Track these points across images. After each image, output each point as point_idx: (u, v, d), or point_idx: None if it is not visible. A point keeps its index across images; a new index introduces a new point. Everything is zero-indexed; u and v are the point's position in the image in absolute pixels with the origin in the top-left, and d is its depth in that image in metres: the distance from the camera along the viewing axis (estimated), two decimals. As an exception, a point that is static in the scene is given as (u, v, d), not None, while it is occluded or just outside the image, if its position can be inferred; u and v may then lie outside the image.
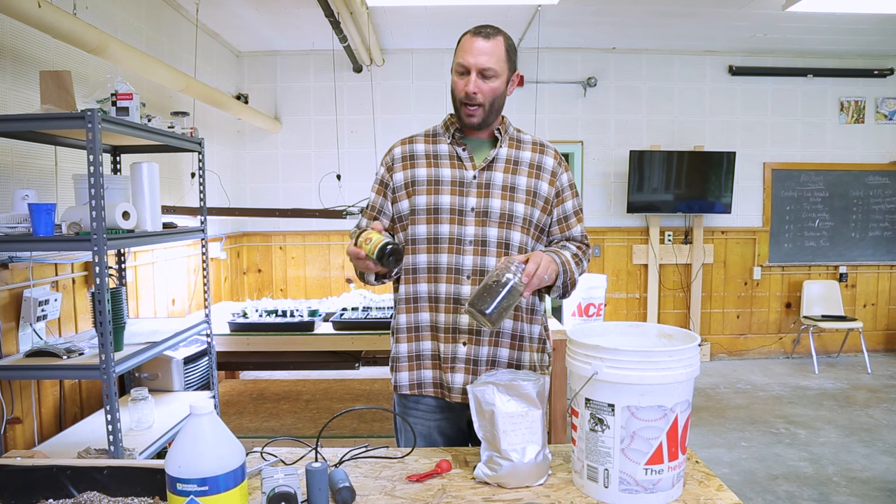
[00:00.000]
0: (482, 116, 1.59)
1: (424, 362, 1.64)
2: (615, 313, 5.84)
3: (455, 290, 1.60)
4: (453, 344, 1.61)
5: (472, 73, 1.56)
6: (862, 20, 4.73)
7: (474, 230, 1.60)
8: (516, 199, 1.61)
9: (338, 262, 5.74)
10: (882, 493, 3.19)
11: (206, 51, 4.64)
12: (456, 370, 1.60)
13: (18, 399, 2.47)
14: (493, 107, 1.60)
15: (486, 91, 1.57)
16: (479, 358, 1.61)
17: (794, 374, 5.43)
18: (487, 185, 1.62)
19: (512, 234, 1.61)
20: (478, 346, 1.60)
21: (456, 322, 1.60)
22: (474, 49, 1.56)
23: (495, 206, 1.60)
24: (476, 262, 1.60)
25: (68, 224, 2.16)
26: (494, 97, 1.59)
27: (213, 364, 3.17)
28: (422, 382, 1.65)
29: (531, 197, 1.63)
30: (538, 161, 1.67)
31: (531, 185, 1.64)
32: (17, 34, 2.52)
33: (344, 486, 1.21)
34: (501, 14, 4.59)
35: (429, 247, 1.62)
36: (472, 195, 1.61)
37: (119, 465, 1.26)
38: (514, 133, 1.70)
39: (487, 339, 1.61)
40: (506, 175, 1.63)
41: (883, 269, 6.02)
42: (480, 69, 1.55)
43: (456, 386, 1.60)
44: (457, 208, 1.61)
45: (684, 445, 1.25)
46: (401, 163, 1.68)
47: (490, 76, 1.57)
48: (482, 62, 1.55)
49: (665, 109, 5.75)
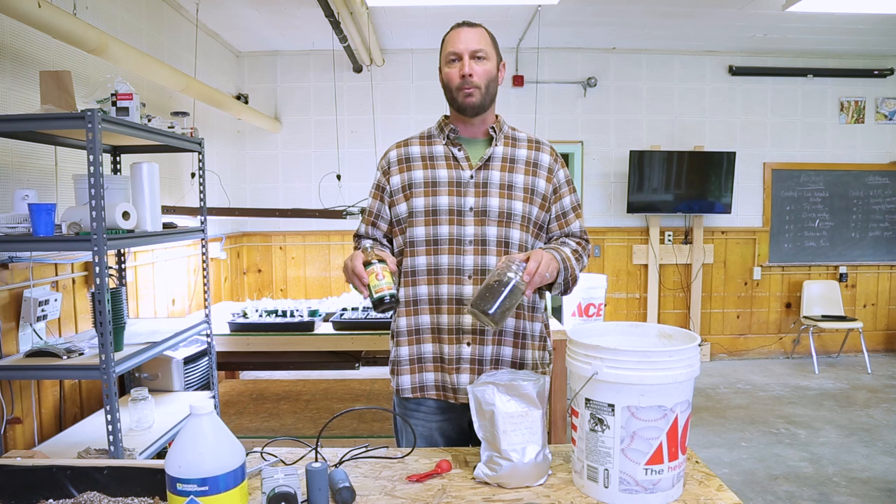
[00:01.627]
0: (480, 97, 1.60)
1: (426, 365, 1.64)
2: (615, 313, 5.84)
3: (457, 290, 1.60)
4: (457, 345, 1.60)
5: (465, 57, 1.58)
6: (862, 20, 4.73)
7: (474, 230, 1.60)
8: (514, 198, 1.61)
9: (338, 262, 5.74)
10: (882, 493, 3.19)
11: (206, 51, 4.64)
12: (461, 371, 1.60)
13: (18, 399, 2.47)
14: (488, 90, 1.61)
15: (480, 72, 1.59)
16: (483, 357, 1.61)
17: (794, 374, 5.43)
18: (485, 185, 1.61)
19: (511, 233, 1.61)
20: (482, 346, 1.60)
21: (459, 323, 1.60)
22: (461, 37, 1.60)
23: (493, 204, 1.60)
24: (477, 261, 1.60)
25: (68, 224, 2.16)
26: (489, 79, 1.61)
27: (213, 364, 3.17)
28: (424, 385, 1.65)
29: (529, 194, 1.63)
30: (534, 158, 1.66)
31: (528, 182, 1.64)
32: (17, 34, 2.52)
33: (344, 486, 1.21)
34: (501, 14, 4.58)
35: (428, 248, 1.62)
36: (470, 195, 1.61)
37: (119, 465, 1.26)
38: (509, 131, 1.70)
39: (491, 338, 1.61)
40: (503, 174, 1.63)
41: (883, 269, 6.02)
42: (472, 51, 1.59)
43: (462, 387, 1.60)
44: (455, 209, 1.61)
45: (684, 445, 1.25)
46: (397, 166, 1.68)
47: (482, 57, 1.60)
48: (472, 45, 1.59)
49: (665, 109, 5.75)
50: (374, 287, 1.46)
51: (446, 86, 1.63)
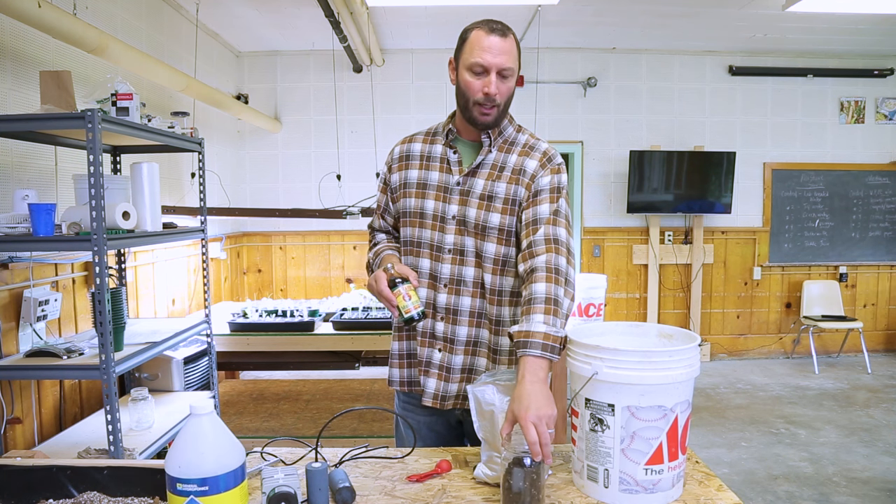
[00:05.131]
0: (496, 116, 1.52)
1: (413, 360, 1.65)
2: (615, 313, 5.84)
3: (432, 296, 1.59)
4: (430, 349, 1.60)
5: (492, 74, 1.47)
6: (862, 20, 4.73)
7: (453, 238, 1.57)
8: (492, 209, 1.53)
9: (338, 262, 5.74)
10: (882, 493, 3.19)
11: (206, 51, 4.64)
12: (430, 374, 1.60)
13: (18, 399, 2.47)
14: (506, 107, 1.55)
15: (504, 92, 1.50)
16: (452, 366, 1.58)
17: (794, 374, 5.43)
18: (468, 193, 1.56)
19: (486, 246, 1.54)
20: (451, 355, 1.58)
21: (432, 328, 1.60)
22: (493, 48, 1.46)
23: (471, 215, 1.55)
24: (454, 270, 1.57)
25: (68, 224, 2.16)
26: (509, 97, 1.54)
27: (213, 364, 3.17)
28: (411, 380, 1.66)
29: (509, 206, 1.53)
30: (521, 165, 1.55)
31: (510, 191, 1.54)
32: (17, 34, 2.52)
33: (344, 486, 1.21)
34: (501, 14, 4.58)
35: (412, 250, 1.62)
36: (454, 202, 1.57)
37: (119, 465, 1.26)
38: (512, 134, 1.60)
39: (463, 348, 1.58)
40: (487, 182, 1.55)
41: (883, 269, 6.02)
42: (500, 69, 1.48)
43: (428, 390, 1.60)
44: (439, 215, 1.58)
45: (684, 445, 1.25)
46: (398, 163, 1.67)
47: (508, 76, 1.50)
48: (501, 62, 1.47)
49: (665, 109, 5.75)
50: (403, 308, 1.49)
51: (462, 93, 1.52)
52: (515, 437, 1.19)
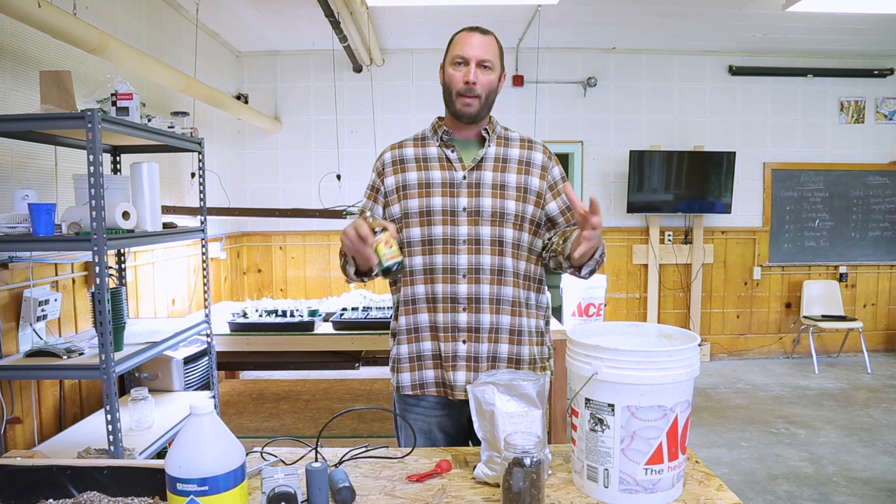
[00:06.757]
0: (478, 107, 1.61)
1: (426, 362, 1.66)
2: (615, 313, 5.85)
3: (452, 289, 1.62)
4: (453, 343, 1.63)
5: (472, 64, 1.59)
6: (862, 20, 4.73)
7: (467, 229, 1.62)
8: (507, 197, 1.63)
9: (338, 261, 5.73)
10: (882, 493, 3.19)
11: (206, 51, 4.64)
12: (458, 368, 1.62)
13: (18, 399, 2.47)
14: (487, 100, 1.63)
15: (483, 82, 1.61)
16: (479, 355, 1.63)
17: (794, 374, 5.43)
18: (478, 185, 1.63)
19: (505, 232, 1.63)
20: (477, 344, 1.62)
21: (455, 321, 1.62)
22: (472, 42, 1.60)
23: (486, 204, 1.62)
24: (471, 260, 1.62)
25: (68, 224, 2.16)
26: (490, 90, 1.63)
27: (213, 364, 3.17)
28: (424, 382, 1.67)
29: (522, 193, 1.65)
30: (527, 157, 1.68)
31: (521, 181, 1.65)
32: (17, 34, 2.52)
33: (344, 486, 1.21)
34: (501, 14, 4.59)
35: (423, 248, 1.64)
36: (464, 195, 1.63)
37: (119, 465, 1.26)
38: (502, 132, 1.72)
39: (487, 336, 1.63)
40: (495, 174, 1.64)
41: (883, 269, 6.02)
42: (479, 60, 1.59)
43: (458, 384, 1.62)
44: (448, 209, 1.63)
45: (684, 445, 1.25)
46: (391, 167, 1.70)
47: (488, 67, 1.61)
48: (480, 54, 1.59)
49: (665, 109, 5.75)
50: (383, 256, 1.44)
51: (446, 86, 1.64)
52: (515, 437, 1.20)
